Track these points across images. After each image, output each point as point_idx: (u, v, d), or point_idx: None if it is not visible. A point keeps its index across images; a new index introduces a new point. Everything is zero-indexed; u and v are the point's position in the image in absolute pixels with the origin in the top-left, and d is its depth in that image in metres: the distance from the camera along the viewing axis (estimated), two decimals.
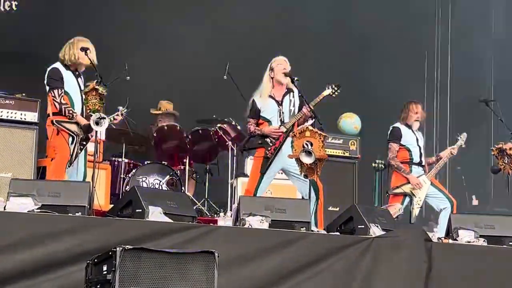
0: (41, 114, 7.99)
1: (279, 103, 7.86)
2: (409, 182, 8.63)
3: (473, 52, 12.46)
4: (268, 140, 7.76)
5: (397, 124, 8.83)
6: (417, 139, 8.77)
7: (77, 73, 7.45)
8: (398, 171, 8.71)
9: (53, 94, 7.26)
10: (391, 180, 8.80)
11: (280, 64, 7.84)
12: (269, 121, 7.84)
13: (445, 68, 13.42)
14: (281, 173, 8.31)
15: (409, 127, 8.80)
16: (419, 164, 8.73)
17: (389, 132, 8.84)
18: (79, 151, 7.28)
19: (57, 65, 7.34)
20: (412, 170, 8.69)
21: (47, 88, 7.32)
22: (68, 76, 7.34)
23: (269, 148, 7.72)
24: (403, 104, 8.87)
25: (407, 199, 8.64)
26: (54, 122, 7.24)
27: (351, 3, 12.07)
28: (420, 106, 8.89)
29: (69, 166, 7.22)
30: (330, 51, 11.85)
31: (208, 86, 10.68)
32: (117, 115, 7.49)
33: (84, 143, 7.30)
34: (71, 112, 7.20)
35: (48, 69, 7.35)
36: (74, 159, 7.24)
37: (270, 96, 7.85)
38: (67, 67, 7.36)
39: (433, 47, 13.47)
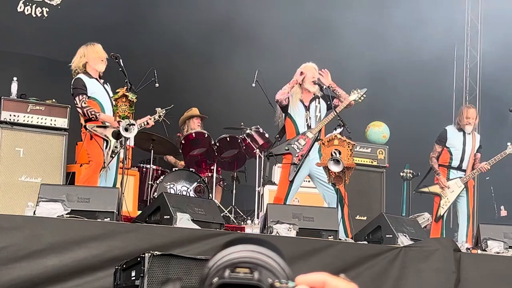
0: (71, 120, 8.05)
1: (307, 108, 7.86)
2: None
3: (502, 59, 12.37)
4: (294, 146, 7.76)
5: (448, 126, 8.95)
6: (464, 143, 8.76)
7: (102, 81, 7.50)
8: (434, 172, 8.78)
9: (75, 102, 7.31)
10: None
11: (310, 72, 7.84)
12: (295, 123, 7.83)
13: (474, 77, 13.33)
14: (309, 181, 8.30)
15: (461, 130, 8.82)
16: (459, 168, 8.73)
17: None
18: (113, 155, 7.32)
19: (80, 75, 7.40)
20: (450, 173, 8.70)
21: (73, 99, 7.40)
22: (92, 84, 7.38)
23: (296, 155, 7.72)
24: (459, 109, 9.04)
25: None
26: (86, 127, 7.29)
27: (380, 13, 12.04)
28: (472, 109, 8.91)
29: (102, 169, 7.26)
30: (358, 58, 11.82)
31: (236, 94, 10.69)
32: (150, 119, 7.52)
33: (117, 146, 7.32)
34: (93, 113, 7.22)
35: (72, 81, 7.42)
36: (109, 163, 7.28)
37: (300, 100, 7.87)
38: (90, 75, 7.40)
39: (462, 56, 13.40)
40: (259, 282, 1.25)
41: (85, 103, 7.25)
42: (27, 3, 10.37)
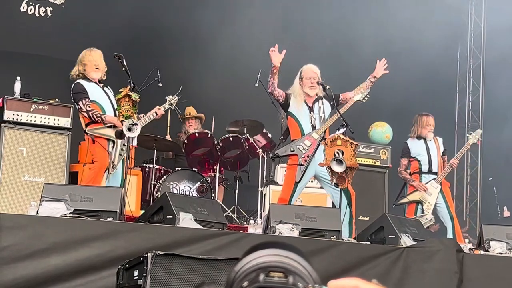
0: (74, 119, 8.05)
1: (311, 109, 7.85)
2: (417, 190, 8.71)
3: (505, 59, 12.36)
4: (300, 147, 7.75)
5: (407, 141, 8.94)
6: (427, 148, 8.81)
7: (101, 84, 7.51)
8: (407, 182, 8.78)
9: (79, 106, 7.33)
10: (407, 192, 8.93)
11: (309, 77, 7.80)
12: (299, 123, 7.82)
13: (478, 78, 13.33)
14: (312, 181, 8.30)
15: (421, 138, 8.83)
16: (430, 172, 8.78)
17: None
18: (122, 153, 7.32)
19: (79, 80, 7.43)
20: (422, 179, 8.75)
21: (75, 104, 7.42)
22: (92, 88, 7.40)
23: (302, 156, 7.71)
24: (415, 117, 8.93)
25: (420, 207, 8.70)
26: (86, 131, 7.32)
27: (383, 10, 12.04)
28: (431, 117, 8.92)
29: (110, 172, 7.26)
30: (360, 58, 11.81)
31: (239, 94, 10.70)
32: (159, 109, 7.52)
33: (125, 144, 7.30)
34: (99, 116, 7.24)
35: (71, 86, 7.43)
36: (118, 162, 7.28)
37: (304, 101, 7.86)
38: (88, 80, 7.42)
39: (465, 56, 13.39)
40: (294, 286, 1.25)
41: (89, 106, 7.28)
42: (30, 3, 10.39)
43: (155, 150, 9.39)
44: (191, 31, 11.05)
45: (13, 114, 7.86)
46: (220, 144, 9.66)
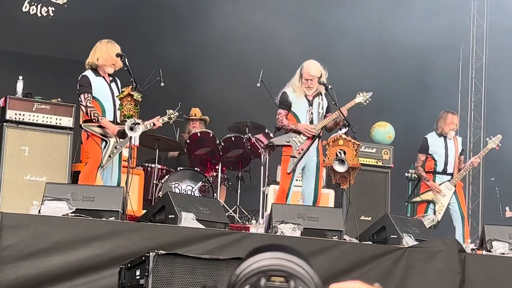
0: (76, 119, 8.06)
1: (310, 103, 7.84)
2: (430, 190, 8.70)
3: (508, 59, 12.35)
4: (296, 139, 7.73)
5: (428, 135, 8.94)
6: (446, 147, 8.79)
7: (110, 79, 7.47)
8: (422, 179, 8.78)
9: (80, 99, 7.30)
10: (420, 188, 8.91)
11: (306, 78, 7.77)
12: (297, 117, 7.81)
13: (480, 78, 13.31)
14: None
15: (442, 135, 8.81)
16: (444, 172, 8.76)
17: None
18: (112, 155, 7.30)
19: (87, 72, 7.36)
20: (435, 179, 8.72)
21: (78, 96, 7.40)
22: (98, 83, 7.33)
23: (297, 148, 7.69)
24: (440, 114, 8.92)
25: (431, 207, 8.68)
26: (82, 126, 7.31)
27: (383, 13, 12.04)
28: (456, 116, 8.92)
29: (100, 169, 7.25)
30: (363, 58, 11.81)
31: (241, 94, 10.70)
32: (157, 120, 7.53)
33: (117, 147, 7.30)
34: (96, 115, 7.20)
35: (79, 77, 7.40)
36: (106, 163, 7.26)
37: (304, 95, 7.84)
38: (97, 73, 7.38)
39: (467, 56, 13.38)
40: None
41: (90, 102, 7.24)
42: (33, 3, 10.40)
43: (157, 150, 9.39)
44: (194, 31, 11.05)
45: (15, 114, 7.86)
46: (222, 144, 9.66)
